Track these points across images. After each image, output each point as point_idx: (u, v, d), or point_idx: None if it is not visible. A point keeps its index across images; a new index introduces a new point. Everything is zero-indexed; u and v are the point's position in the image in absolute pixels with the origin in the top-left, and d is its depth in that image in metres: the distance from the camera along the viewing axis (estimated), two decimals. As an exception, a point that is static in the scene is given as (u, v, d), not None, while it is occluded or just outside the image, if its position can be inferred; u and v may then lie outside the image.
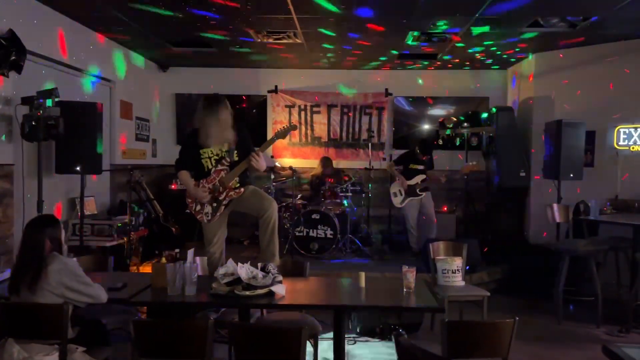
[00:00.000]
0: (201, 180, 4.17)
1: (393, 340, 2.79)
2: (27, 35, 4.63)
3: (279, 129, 4.32)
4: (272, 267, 3.25)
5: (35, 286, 2.70)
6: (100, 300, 2.86)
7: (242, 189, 4.19)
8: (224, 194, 4.16)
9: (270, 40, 6.48)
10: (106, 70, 6.55)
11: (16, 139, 4.70)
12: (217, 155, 4.16)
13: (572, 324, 5.08)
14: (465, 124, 7.95)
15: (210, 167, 4.17)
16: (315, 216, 6.76)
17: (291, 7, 5.15)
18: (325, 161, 7.71)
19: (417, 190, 6.79)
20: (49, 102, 4.45)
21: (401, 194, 6.89)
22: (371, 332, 4.61)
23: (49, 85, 4.97)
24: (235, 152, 4.15)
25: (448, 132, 7.96)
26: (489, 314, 4.32)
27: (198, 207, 4.21)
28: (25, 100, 4.55)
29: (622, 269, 5.64)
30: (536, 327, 4.95)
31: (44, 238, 2.80)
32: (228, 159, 4.14)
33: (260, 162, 4.10)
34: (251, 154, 4.08)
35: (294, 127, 4.44)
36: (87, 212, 5.63)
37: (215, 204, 4.17)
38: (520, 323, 2.49)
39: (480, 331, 2.53)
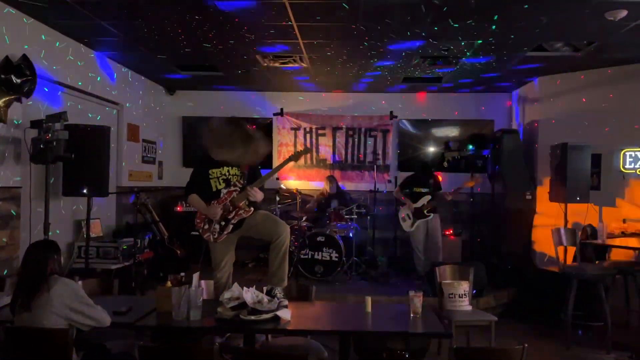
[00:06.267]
0: (212, 202, 4.18)
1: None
2: (36, 59, 4.70)
3: (293, 152, 4.42)
4: (278, 291, 3.24)
5: (30, 305, 2.70)
6: (103, 323, 2.86)
7: (252, 208, 4.21)
8: (234, 212, 4.17)
9: (277, 65, 6.56)
10: (113, 94, 6.62)
11: (24, 162, 4.74)
12: (225, 176, 4.20)
13: (581, 349, 5.01)
14: (471, 147, 7.96)
15: (218, 187, 4.20)
16: (321, 239, 6.73)
17: (297, 32, 5.22)
18: (331, 180, 7.72)
19: (425, 212, 6.78)
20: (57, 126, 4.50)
21: (410, 218, 6.88)
22: (377, 357, 4.55)
23: (57, 109, 5.04)
24: (246, 175, 4.23)
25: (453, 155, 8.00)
26: (496, 339, 4.26)
27: (206, 226, 4.22)
28: (35, 124, 4.60)
29: (631, 293, 5.57)
30: (544, 352, 4.88)
31: (44, 261, 2.81)
32: (241, 181, 4.18)
33: (257, 196, 4.16)
34: (246, 190, 4.13)
35: (307, 151, 4.51)
36: (92, 235, 5.64)
37: (223, 223, 4.17)
38: (528, 349, 2.46)
39: (488, 358, 2.50)
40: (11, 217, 4.67)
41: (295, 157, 4.40)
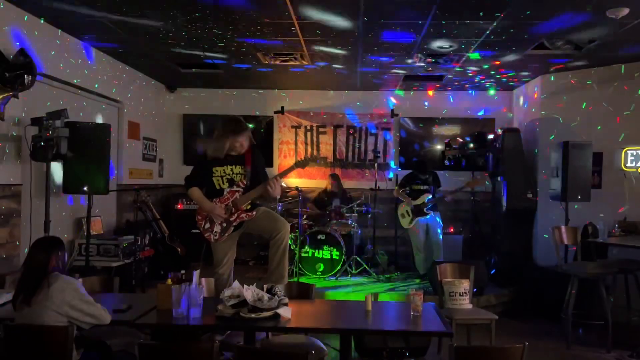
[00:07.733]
0: (214, 200, 4.17)
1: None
2: (35, 57, 4.69)
3: (299, 159, 4.40)
4: (279, 289, 3.24)
5: (31, 301, 2.70)
6: (103, 321, 2.85)
7: (254, 212, 4.19)
8: (235, 215, 4.15)
9: (277, 62, 6.54)
10: (114, 91, 6.62)
11: (25, 159, 4.74)
12: (229, 175, 4.18)
13: (582, 348, 5.00)
14: (471, 145, 7.94)
15: (221, 185, 4.18)
16: (321, 237, 6.74)
17: (297, 29, 5.20)
18: (333, 178, 7.72)
19: (424, 210, 6.77)
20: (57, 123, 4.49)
21: (409, 215, 6.86)
22: (378, 355, 4.55)
23: (57, 107, 5.02)
24: (250, 174, 4.19)
25: (452, 153, 8.00)
26: (496, 337, 4.26)
27: (207, 226, 4.20)
28: (35, 121, 4.59)
29: (632, 292, 5.56)
30: (545, 351, 4.88)
31: (47, 257, 2.81)
32: (245, 181, 4.16)
33: (276, 189, 4.11)
34: (268, 181, 4.10)
35: (314, 159, 4.48)
36: (93, 232, 5.64)
37: (225, 224, 4.16)
38: (528, 347, 2.45)
39: (489, 356, 2.49)
40: (11, 215, 4.67)
41: (301, 164, 4.32)
